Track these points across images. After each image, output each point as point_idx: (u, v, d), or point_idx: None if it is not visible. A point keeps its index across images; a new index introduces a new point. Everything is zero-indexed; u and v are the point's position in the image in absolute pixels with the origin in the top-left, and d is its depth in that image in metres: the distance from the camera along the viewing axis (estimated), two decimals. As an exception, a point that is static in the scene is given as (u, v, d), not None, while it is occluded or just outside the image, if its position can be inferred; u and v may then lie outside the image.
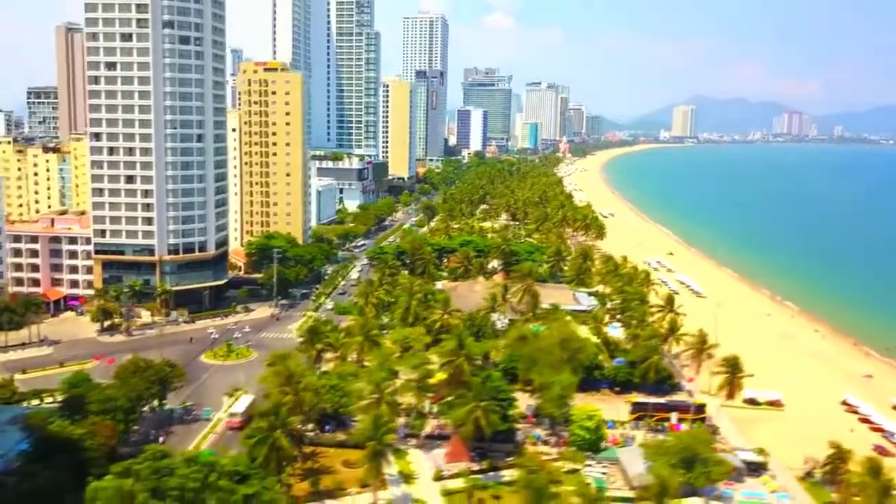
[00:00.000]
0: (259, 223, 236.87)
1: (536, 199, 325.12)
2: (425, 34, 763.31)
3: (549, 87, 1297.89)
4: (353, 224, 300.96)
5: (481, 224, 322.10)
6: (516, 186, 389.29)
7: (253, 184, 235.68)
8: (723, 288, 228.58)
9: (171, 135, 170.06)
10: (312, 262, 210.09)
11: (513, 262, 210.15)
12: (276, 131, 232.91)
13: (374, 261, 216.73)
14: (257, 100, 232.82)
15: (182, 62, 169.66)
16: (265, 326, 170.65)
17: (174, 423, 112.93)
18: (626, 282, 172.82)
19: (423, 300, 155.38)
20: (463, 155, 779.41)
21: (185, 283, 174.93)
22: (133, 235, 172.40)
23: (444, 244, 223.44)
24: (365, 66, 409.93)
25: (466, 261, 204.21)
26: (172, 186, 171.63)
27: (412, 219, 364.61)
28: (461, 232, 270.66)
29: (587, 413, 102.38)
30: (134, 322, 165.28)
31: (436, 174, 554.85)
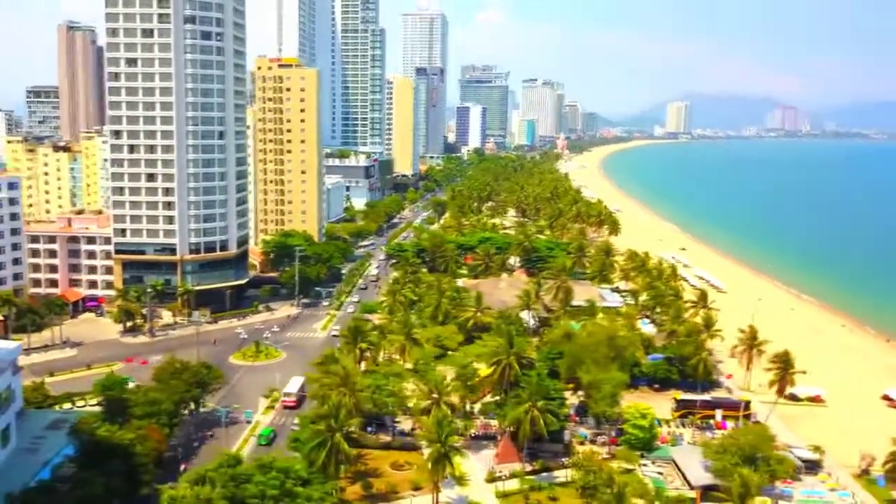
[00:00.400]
0: (274, 221, 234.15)
1: (548, 196, 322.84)
2: (425, 31, 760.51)
3: (545, 83, 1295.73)
4: (364, 222, 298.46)
5: (490, 221, 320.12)
6: (525, 183, 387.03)
7: (267, 181, 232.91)
8: (742, 283, 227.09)
9: (192, 132, 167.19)
10: (331, 260, 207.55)
11: (533, 259, 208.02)
12: (290, 128, 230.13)
13: (393, 259, 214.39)
14: (272, 97, 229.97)
15: (204, 58, 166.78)
16: (289, 326, 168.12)
17: (214, 426, 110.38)
18: (654, 277, 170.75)
19: (453, 298, 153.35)
20: (463, 152, 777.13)
21: (207, 282, 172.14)
22: (154, 235, 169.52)
23: (463, 241, 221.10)
24: (370, 63, 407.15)
25: (487, 257, 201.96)
26: (194, 185, 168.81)
27: (420, 216, 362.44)
28: (474, 229, 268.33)
29: (640, 411, 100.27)
30: (156, 322, 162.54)
31: (438, 171, 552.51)
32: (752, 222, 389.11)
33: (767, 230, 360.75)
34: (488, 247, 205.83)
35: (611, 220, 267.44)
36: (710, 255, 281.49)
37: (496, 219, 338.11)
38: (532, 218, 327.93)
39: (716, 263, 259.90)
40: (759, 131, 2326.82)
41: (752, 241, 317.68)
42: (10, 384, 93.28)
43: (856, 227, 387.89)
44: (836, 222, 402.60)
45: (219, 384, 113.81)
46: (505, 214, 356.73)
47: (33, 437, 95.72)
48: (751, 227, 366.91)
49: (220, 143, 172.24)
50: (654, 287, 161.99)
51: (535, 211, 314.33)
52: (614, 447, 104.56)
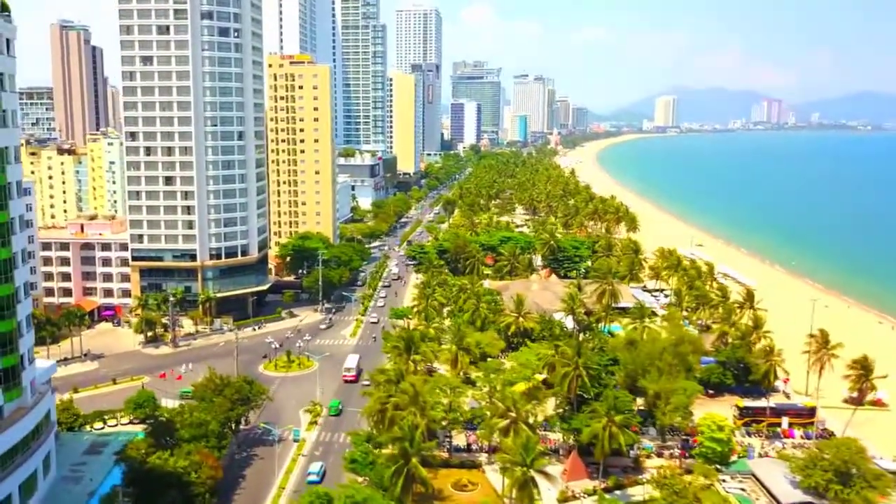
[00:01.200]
0: (287, 223, 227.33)
1: (560, 192, 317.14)
2: (419, 27, 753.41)
3: (536, 79, 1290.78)
4: (374, 222, 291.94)
5: (499, 218, 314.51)
6: (536, 180, 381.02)
7: (280, 182, 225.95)
8: (770, 281, 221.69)
9: (211, 133, 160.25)
10: (350, 262, 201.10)
11: (560, 259, 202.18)
12: (303, 127, 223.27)
13: (414, 260, 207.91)
14: (284, 95, 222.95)
15: (221, 55, 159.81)
16: (316, 332, 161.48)
17: (257, 445, 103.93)
18: (693, 277, 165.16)
19: (490, 302, 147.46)
20: (459, 149, 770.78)
21: (228, 289, 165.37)
22: (173, 240, 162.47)
23: (484, 241, 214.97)
24: (372, 60, 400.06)
25: (513, 258, 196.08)
26: (213, 187, 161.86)
27: (427, 213, 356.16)
28: (487, 227, 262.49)
29: (716, 422, 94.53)
30: (178, 332, 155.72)
31: (437, 168, 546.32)
32: (760, 215, 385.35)
33: (780, 224, 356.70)
34: (513, 246, 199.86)
35: (629, 217, 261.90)
36: (728, 251, 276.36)
37: (505, 216, 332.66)
38: (543, 215, 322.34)
39: (737, 260, 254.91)
40: (746, 124, 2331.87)
41: (767, 236, 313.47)
42: (49, 408, 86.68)
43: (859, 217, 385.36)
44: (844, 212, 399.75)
45: (262, 400, 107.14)
46: (513, 212, 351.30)
47: (72, 464, 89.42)
48: (761, 220, 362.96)
49: (239, 143, 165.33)
50: (696, 287, 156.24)
51: (549, 208, 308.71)
52: (686, 460, 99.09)
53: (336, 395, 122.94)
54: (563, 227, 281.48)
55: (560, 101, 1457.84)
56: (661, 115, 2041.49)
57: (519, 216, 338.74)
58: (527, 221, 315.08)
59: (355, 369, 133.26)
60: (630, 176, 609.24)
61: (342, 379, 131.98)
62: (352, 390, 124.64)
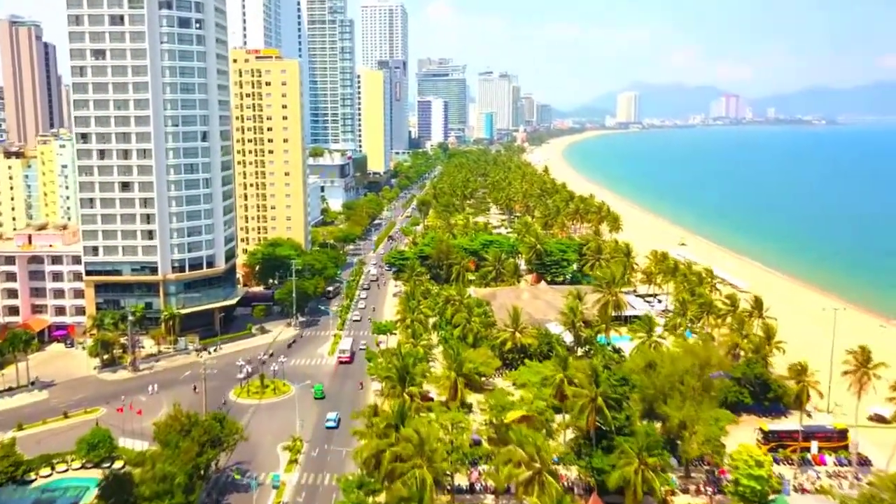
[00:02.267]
0: (256, 229, 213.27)
1: (538, 192, 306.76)
2: (385, 23, 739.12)
3: (501, 76, 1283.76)
4: (347, 225, 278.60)
5: (475, 219, 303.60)
6: (511, 178, 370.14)
7: (248, 185, 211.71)
8: (759, 280, 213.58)
9: (172, 133, 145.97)
10: (325, 270, 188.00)
11: (547, 263, 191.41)
12: (272, 126, 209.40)
13: (393, 267, 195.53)
14: (250, 92, 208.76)
15: (182, 49, 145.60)
16: (289, 350, 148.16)
17: (230, 491, 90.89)
18: (694, 283, 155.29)
19: (481, 314, 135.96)
20: (427, 147, 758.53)
21: (194, 304, 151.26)
22: (131, 252, 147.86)
23: (466, 245, 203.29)
24: (340, 56, 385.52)
25: (497, 263, 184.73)
26: (175, 193, 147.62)
27: (399, 214, 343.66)
28: (465, 229, 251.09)
29: (753, 457, 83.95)
30: (138, 353, 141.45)
31: (406, 167, 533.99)
32: (738, 212, 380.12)
33: (751, 219, 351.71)
34: (497, 251, 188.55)
35: (611, 217, 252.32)
36: (711, 250, 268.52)
37: (480, 216, 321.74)
38: (520, 215, 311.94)
39: (722, 259, 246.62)
40: (706, 119, 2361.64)
41: (749, 233, 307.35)
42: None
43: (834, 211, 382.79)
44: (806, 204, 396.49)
45: (236, 440, 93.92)
46: (488, 212, 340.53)
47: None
48: (740, 217, 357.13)
49: (203, 145, 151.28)
50: (699, 294, 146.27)
51: (526, 208, 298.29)
52: (715, 496, 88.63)
53: (316, 429, 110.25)
54: (543, 228, 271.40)
55: (525, 97, 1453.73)
56: (623, 111, 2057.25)
57: (494, 216, 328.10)
58: (503, 222, 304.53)
59: (349, 350, 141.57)
60: (599, 173, 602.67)
61: (337, 361, 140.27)
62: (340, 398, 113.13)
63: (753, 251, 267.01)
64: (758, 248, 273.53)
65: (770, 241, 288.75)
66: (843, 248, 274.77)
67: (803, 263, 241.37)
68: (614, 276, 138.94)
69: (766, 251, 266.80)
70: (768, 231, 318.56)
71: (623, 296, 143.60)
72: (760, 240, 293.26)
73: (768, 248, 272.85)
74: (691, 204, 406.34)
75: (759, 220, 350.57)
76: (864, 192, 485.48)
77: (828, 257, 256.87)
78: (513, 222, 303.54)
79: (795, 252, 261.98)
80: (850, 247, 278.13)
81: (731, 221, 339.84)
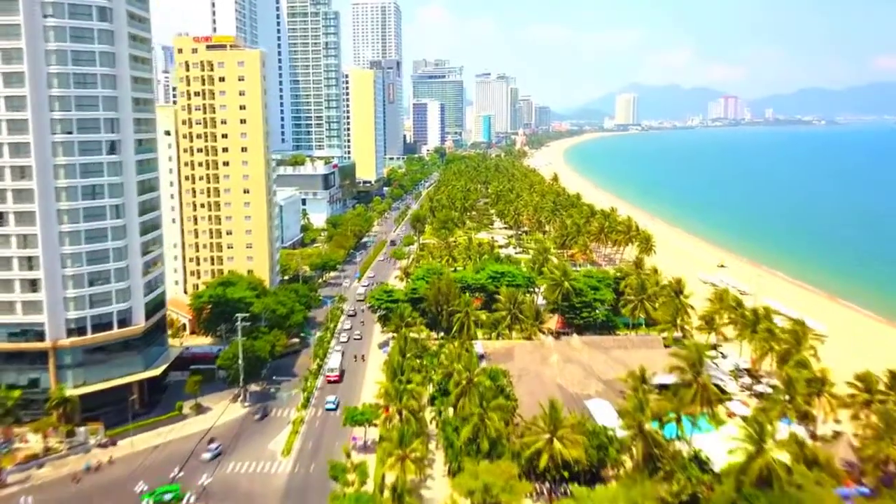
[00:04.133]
0: (209, 259, 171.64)
1: (551, 206, 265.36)
2: (377, 21, 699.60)
3: (498, 77, 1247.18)
4: (329, 246, 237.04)
5: (476, 235, 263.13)
6: (518, 188, 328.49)
7: (198, 206, 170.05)
8: (836, 318, 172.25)
9: (63, 144, 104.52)
10: (290, 317, 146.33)
11: (577, 306, 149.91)
12: (227, 132, 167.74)
13: (379, 310, 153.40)
14: (200, 89, 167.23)
15: (76, 26, 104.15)
16: (231, 447, 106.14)
17: None
18: (789, 342, 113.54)
19: (498, 392, 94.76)
20: (423, 152, 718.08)
21: (99, 378, 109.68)
22: (6, 310, 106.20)
23: (471, 279, 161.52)
24: (324, 52, 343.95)
25: (512, 305, 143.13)
26: (70, 227, 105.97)
27: (393, 232, 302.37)
28: (468, 252, 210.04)
29: None
30: (14, 455, 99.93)
31: (401, 175, 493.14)
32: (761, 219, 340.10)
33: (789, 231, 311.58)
34: (512, 292, 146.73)
35: (642, 238, 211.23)
36: (755, 273, 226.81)
37: (483, 231, 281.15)
38: (529, 230, 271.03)
39: (773, 286, 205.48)
40: (704, 121, 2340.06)
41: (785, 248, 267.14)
42: None
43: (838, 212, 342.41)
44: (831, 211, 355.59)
45: None
46: (491, 226, 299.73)
47: None
48: (769, 226, 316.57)
49: (111, 159, 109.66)
50: (804, 362, 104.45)
51: (537, 224, 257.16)
52: None
53: None
54: (559, 247, 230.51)
55: (523, 99, 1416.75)
56: (621, 112, 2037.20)
57: (499, 230, 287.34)
58: (510, 239, 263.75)
59: (339, 369, 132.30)
60: (605, 177, 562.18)
61: (325, 380, 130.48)
62: None
63: (806, 273, 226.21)
64: (809, 268, 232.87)
65: (823, 260, 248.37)
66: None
67: (879, 293, 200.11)
68: (700, 354, 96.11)
69: (822, 273, 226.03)
70: (817, 245, 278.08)
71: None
72: (810, 257, 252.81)
73: (823, 269, 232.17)
74: (716, 213, 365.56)
75: (800, 231, 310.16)
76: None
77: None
78: (521, 239, 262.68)
79: (863, 277, 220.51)
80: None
81: (768, 235, 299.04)
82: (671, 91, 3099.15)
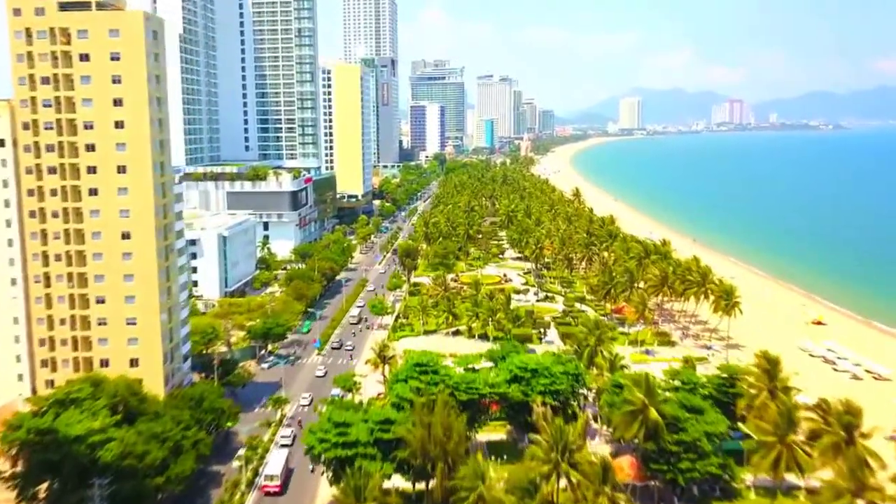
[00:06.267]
0: (70, 342, 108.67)
1: (584, 237, 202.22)
2: (370, 15, 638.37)
3: (501, 80, 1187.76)
4: (285, 293, 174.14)
5: (482, 270, 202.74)
6: (535, 211, 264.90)
7: (51, 259, 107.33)
8: None
9: None
10: (168, 469, 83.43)
11: (671, 448, 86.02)
12: (95, 141, 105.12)
13: (322, 464, 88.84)
14: (49, 74, 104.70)
15: None
16: None
17: None
18: None
19: None
20: (421, 159, 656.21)
21: None
22: None
23: (483, 389, 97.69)
24: (296, 41, 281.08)
25: (558, 436, 79.50)
26: None
27: (379, 264, 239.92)
28: (479, 309, 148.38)
29: None
30: None
31: (394, 185, 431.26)
32: (828, 243, 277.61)
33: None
34: (559, 426, 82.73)
35: (722, 290, 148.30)
36: (863, 333, 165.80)
37: (490, 263, 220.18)
38: (552, 265, 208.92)
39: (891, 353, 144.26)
40: (709, 125, 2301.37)
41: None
42: None
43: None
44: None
45: None
46: (502, 256, 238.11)
47: None
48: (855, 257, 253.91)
49: None
50: None
51: (566, 262, 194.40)
52: None
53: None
54: (599, 298, 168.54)
55: (526, 103, 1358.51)
56: (625, 116, 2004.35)
57: (511, 263, 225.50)
58: (527, 276, 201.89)
59: (280, 475, 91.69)
60: (625, 188, 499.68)
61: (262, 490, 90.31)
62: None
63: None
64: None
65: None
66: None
67: None
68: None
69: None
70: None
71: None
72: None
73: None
74: (771, 235, 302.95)
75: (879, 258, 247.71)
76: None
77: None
78: (541, 276, 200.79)
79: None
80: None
81: (846, 264, 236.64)
82: (675, 95, 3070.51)
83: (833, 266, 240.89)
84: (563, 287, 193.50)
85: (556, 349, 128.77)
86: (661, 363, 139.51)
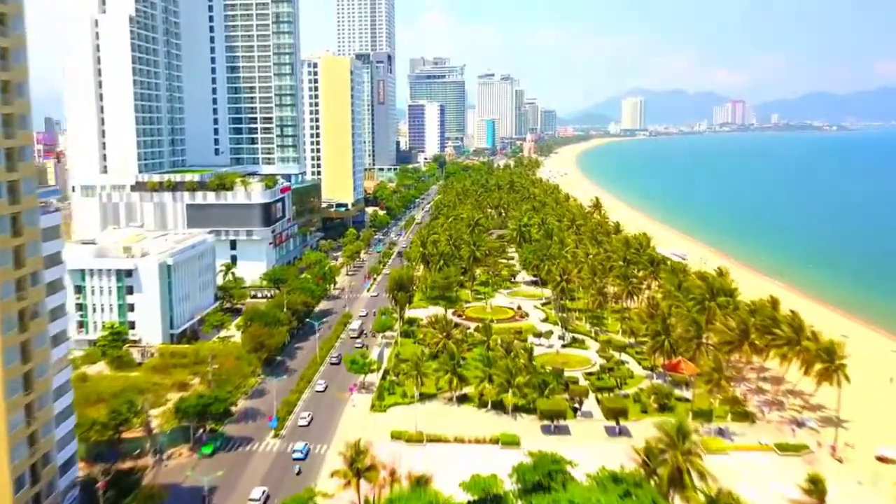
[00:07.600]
0: None
1: (621, 266, 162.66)
2: (366, 8, 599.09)
3: (503, 79, 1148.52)
4: (242, 339, 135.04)
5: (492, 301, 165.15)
6: (555, 226, 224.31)
7: None
8: None
9: None
10: None
11: None
12: None
13: None
14: None
15: None
16: None
17: None
18: None
19: None
20: (419, 161, 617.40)
21: None
22: None
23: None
24: (273, 28, 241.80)
25: None
26: None
27: (366, 289, 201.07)
28: (494, 371, 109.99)
29: None
30: None
31: (389, 191, 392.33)
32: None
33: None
34: None
35: (822, 348, 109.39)
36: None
37: (501, 291, 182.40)
38: (578, 296, 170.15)
39: None
40: (712, 126, 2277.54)
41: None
42: None
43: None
44: None
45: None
46: (513, 280, 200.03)
47: None
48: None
49: None
50: None
51: (600, 298, 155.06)
52: None
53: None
54: (649, 352, 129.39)
55: (528, 102, 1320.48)
56: (627, 117, 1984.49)
57: (524, 290, 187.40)
58: (548, 311, 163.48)
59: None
60: (637, 193, 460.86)
61: None
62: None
63: None
64: None
65: None
66: None
67: None
68: None
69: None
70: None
71: None
72: None
73: None
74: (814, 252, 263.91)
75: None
76: None
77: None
78: (565, 310, 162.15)
79: None
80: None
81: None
82: (676, 96, 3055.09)
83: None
84: (593, 326, 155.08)
85: (599, 426, 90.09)
86: (747, 453, 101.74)
